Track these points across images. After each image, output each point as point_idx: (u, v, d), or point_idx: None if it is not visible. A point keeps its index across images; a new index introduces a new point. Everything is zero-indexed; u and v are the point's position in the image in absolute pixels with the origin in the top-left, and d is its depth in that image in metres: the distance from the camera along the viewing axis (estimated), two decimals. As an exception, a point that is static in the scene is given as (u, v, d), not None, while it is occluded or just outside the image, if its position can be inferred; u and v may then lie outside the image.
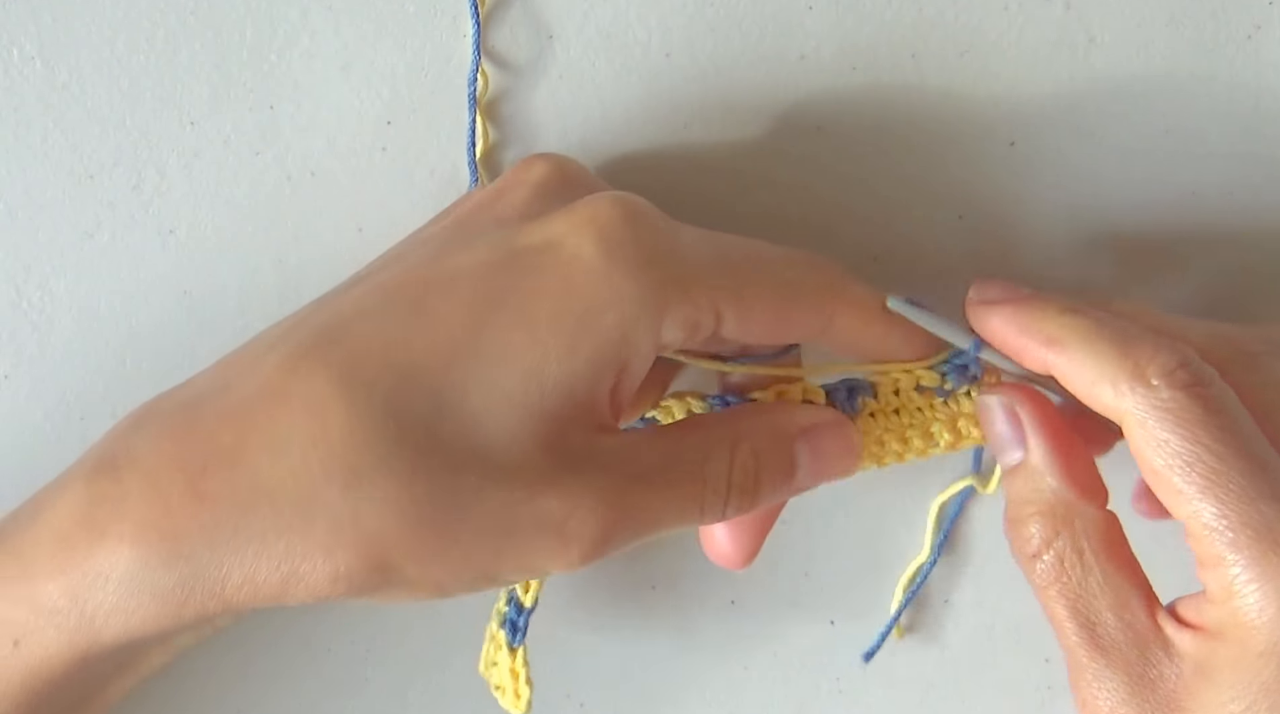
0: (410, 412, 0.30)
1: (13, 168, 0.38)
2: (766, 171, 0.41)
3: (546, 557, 0.32)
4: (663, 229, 0.33)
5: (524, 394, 0.31)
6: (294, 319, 0.34)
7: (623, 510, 0.32)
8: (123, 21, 0.38)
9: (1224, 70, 0.42)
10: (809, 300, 0.35)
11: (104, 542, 0.30)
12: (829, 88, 0.41)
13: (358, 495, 0.30)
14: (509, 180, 0.36)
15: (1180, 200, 0.43)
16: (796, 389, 0.37)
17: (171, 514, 0.30)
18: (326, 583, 0.30)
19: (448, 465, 0.30)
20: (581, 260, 0.32)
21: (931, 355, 0.37)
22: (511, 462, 0.31)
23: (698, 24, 0.40)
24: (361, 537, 0.30)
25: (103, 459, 0.32)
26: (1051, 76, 0.41)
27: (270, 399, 0.31)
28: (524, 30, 0.39)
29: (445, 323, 0.31)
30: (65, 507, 0.31)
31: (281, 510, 0.30)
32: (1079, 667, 0.35)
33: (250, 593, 0.30)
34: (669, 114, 0.40)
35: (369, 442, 0.30)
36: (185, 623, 0.31)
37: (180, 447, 0.31)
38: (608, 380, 0.32)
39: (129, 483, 0.31)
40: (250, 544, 0.30)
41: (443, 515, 0.30)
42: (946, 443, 0.38)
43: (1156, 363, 0.33)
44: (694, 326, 0.33)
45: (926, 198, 0.42)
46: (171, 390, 0.34)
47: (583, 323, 0.31)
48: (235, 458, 0.30)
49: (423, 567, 0.31)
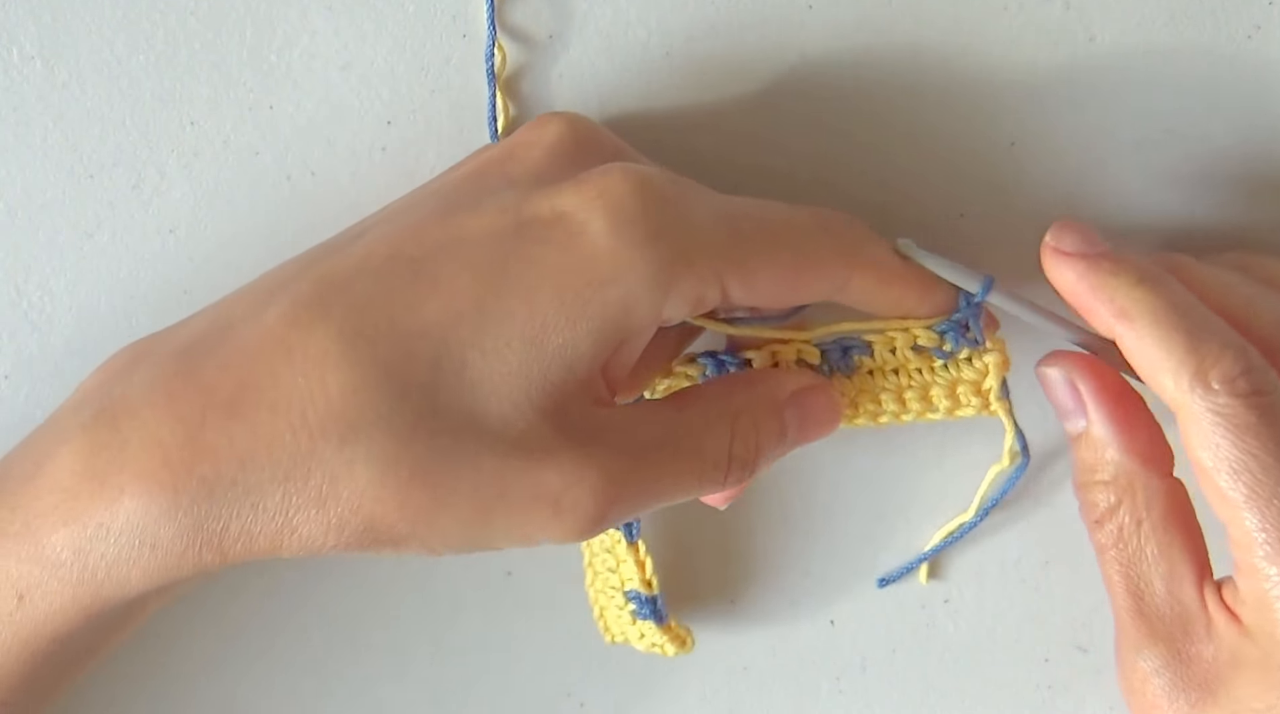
0: (410, 373, 0.31)
1: (13, 168, 0.38)
2: (765, 172, 0.41)
3: (540, 527, 0.32)
4: (672, 201, 0.33)
5: (523, 363, 0.31)
6: (296, 266, 0.34)
7: (622, 485, 0.32)
8: (123, 21, 0.38)
9: (1224, 70, 0.42)
10: (822, 267, 0.35)
11: (104, 493, 0.30)
12: (829, 87, 0.41)
13: (353, 451, 0.30)
14: (522, 139, 0.36)
15: (1180, 200, 0.43)
16: (791, 348, 0.37)
17: (170, 466, 0.30)
18: (319, 535, 0.30)
19: (445, 428, 0.31)
20: (588, 234, 0.32)
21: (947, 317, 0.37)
22: (509, 430, 0.31)
23: (698, 24, 0.40)
24: (355, 491, 0.30)
25: (101, 407, 0.32)
26: (1051, 77, 0.41)
27: (271, 351, 0.31)
28: (523, 30, 0.39)
29: (448, 288, 0.31)
30: (65, 458, 0.31)
31: (278, 463, 0.30)
32: (1123, 631, 0.36)
33: (246, 545, 0.30)
34: (669, 114, 0.40)
35: (368, 399, 0.30)
36: (184, 574, 0.31)
37: (179, 396, 0.31)
38: (607, 353, 0.32)
39: (127, 432, 0.31)
40: (248, 496, 0.30)
41: (436, 477, 0.30)
42: (945, 408, 0.38)
43: (1221, 367, 0.33)
44: (698, 301, 0.33)
45: (926, 197, 0.42)
46: (167, 331, 0.34)
47: (585, 296, 0.32)
48: (234, 410, 0.30)
49: (412, 526, 0.31)
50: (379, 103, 0.39)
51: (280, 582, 0.42)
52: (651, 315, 0.32)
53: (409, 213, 0.34)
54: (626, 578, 0.41)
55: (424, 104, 0.39)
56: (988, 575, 0.45)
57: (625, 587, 0.41)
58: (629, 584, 0.41)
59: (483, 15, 0.39)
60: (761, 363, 0.38)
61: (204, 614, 0.42)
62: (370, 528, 0.31)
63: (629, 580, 0.41)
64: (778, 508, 0.44)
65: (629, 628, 0.42)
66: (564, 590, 0.44)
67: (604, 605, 0.42)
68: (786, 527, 0.44)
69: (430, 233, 0.33)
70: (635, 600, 0.41)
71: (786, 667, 0.45)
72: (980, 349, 0.37)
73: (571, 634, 0.44)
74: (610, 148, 0.36)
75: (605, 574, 0.42)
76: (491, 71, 0.39)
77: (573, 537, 0.32)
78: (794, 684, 0.45)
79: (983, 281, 0.36)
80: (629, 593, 0.41)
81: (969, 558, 0.45)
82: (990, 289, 0.36)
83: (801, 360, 0.37)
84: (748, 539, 0.44)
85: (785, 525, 0.44)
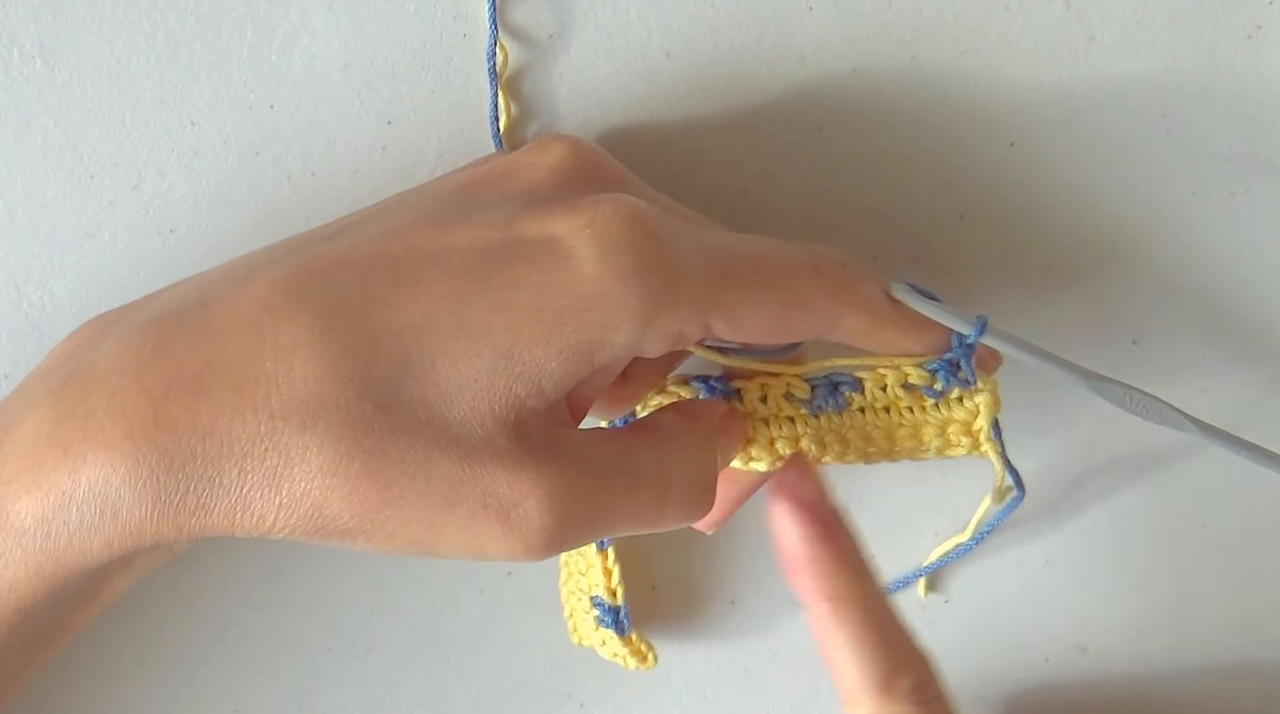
0: (377, 369, 0.31)
1: (13, 168, 0.38)
2: (766, 171, 0.41)
3: (489, 539, 0.32)
4: (661, 236, 0.33)
5: (490, 374, 0.31)
6: (278, 251, 0.34)
7: (572, 504, 0.32)
8: (123, 21, 0.38)
9: (1224, 70, 0.42)
10: (810, 307, 0.35)
11: (67, 461, 0.30)
12: (829, 88, 0.41)
13: (310, 436, 0.30)
14: (523, 157, 0.36)
15: (1180, 200, 0.43)
16: (781, 382, 0.37)
17: (133, 436, 0.30)
18: (270, 514, 0.31)
19: (403, 427, 0.31)
20: (574, 260, 0.32)
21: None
22: (466, 436, 0.31)
23: (698, 24, 0.40)
24: (307, 475, 0.30)
25: (70, 374, 0.32)
26: (1051, 76, 0.41)
27: (243, 331, 0.31)
28: (524, 30, 0.39)
29: (426, 293, 0.31)
30: (30, 425, 0.31)
31: (237, 441, 0.30)
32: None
33: (202, 519, 0.31)
34: (669, 114, 0.40)
35: (331, 389, 0.30)
36: (144, 544, 0.31)
37: (146, 366, 0.31)
38: (576, 378, 0.32)
39: (95, 401, 0.31)
40: (205, 470, 0.30)
41: (387, 475, 0.31)
42: (936, 448, 0.38)
43: (906, 680, 0.36)
44: (678, 337, 0.33)
45: (926, 198, 0.42)
46: (139, 301, 0.34)
47: (563, 318, 0.32)
48: (199, 386, 0.30)
49: (359, 519, 0.31)
50: (379, 103, 0.39)
51: (280, 581, 0.42)
52: (628, 348, 0.32)
53: (399, 214, 0.34)
54: (594, 584, 0.41)
55: (424, 104, 0.39)
56: (988, 575, 0.45)
57: (592, 592, 0.41)
58: (595, 590, 0.41)
59: (482, 15, 0.39)
60: (751, 395, 0.37)
61: (202, 614, 0.42)
62: (318, 514, 0.31)
63: (595, 586, 0.41)
64: (778, 508, 0.44)
65: (593, 633, 0.42)
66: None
67: (573, 607, 0.42)
68: (786, 527, 0.44)
69: (417, 237, 0.33)
70: (599, 607, 0.41)
71: (786, 667, 0.45)
72: (972, 389, 0.37)
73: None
74: (612, 176, 0.36)
75: (577, 576, 0.42)
76: (493, 71, 0.39)
77: (522, 552, 0.32)
78: (794, 684, 0.45)
79: (975, 323, 0.36)
80: (594, 598, 0.41)
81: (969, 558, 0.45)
82: (983, 331, 0.36)
83: (791, 395, 0.37)
84: (748, 539, 0.44)
85: (785, 525, 0.44)
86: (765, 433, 0.37)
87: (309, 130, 0.39)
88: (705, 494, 0.35)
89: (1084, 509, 0.46)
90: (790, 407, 0.37)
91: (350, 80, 0.39)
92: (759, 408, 0.37)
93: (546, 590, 0.44)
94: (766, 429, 0.37)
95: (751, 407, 0.37)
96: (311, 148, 0.39)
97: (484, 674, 0.44)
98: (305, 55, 0.39)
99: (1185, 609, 0.47)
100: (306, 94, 0.39)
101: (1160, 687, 0.47)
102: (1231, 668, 0.48)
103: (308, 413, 0.30)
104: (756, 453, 0.38)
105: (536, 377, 0.32)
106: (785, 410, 0.37)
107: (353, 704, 0.43)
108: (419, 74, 0.39)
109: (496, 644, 0.44)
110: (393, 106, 0.39)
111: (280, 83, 0.39)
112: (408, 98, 0.39)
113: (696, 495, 0.34)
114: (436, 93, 0.39)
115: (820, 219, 0.42)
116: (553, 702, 0.44)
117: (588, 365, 0.32)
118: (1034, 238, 0.42)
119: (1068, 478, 0.45)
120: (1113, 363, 0.44)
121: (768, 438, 0.37)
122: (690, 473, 0.34)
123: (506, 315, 0.31)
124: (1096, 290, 0.43)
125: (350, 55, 0.39)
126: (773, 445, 0.37)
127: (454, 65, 0.39)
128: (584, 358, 0.32)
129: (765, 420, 0.37)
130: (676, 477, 0.34)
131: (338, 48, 0.39)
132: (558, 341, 0.32)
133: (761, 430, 0.37)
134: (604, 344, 0.32)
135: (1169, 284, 0.44)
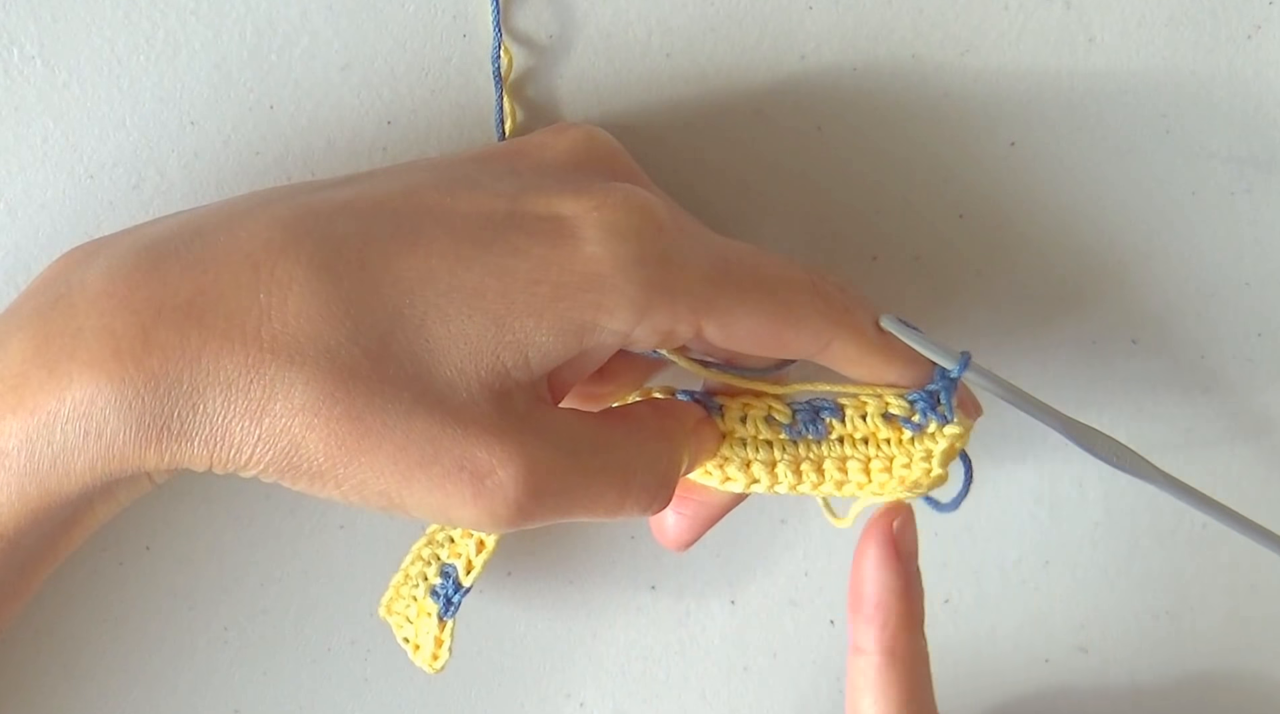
0: (369, 317, 0.31)
1: (13, 168, 0.38)
2: (767, 171, 0.41)
3: (460, 502, 0.31)
4: (667, 231, 0.33)
5: (480, 338, 0.31)
6: (280, 191, 0.34)
7: (547, 478, 0.32)
8: (123, 21, 0.38)
9: (1224, 70, 0.42)
10: (804, 325, 0.35)
11: (53, 381, 0.30)
12: (829, 88, 0.41)
13: (296, 374, 0.30)
14: (538, 138, 0.36)
15: (1180, 200, 0.43)
16: (763, 404, 0.37)
17: (120, 356, 0.30)
18: (249, 447, 0.30)
19: (389, 377, 0.31)
20: (577, 241, 0.32)
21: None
22: (450, 397, 0.31)
23: (698, 24, 0.40)
24: (289, 411, 0.30)
25: (59, 293, 0.31)
26: (1051, 76, 0.41)
27: (238, 262, 0.31)
28: (524, 31, 0.39)
29: (427, 250, 0.32)
30: (17, 345, 0.31)
31: (224, 369, 0.30)
32: None
33: (183, 447, 0.30)
34: (669, 114, 0.40)
35: (322, 330, 0.30)
36: (126, 469, 0.31)
37: (137, 288, 0.31)
38: (563, 357, 0.32)
39: (82, 320, 0.30)
40: (190, 396, 0.30)
41: (368, 422, 0.31)
42: (910, 482, 0.37)
43: None
44: (669, 335, 0.33)
45: (926, 198, 0.42)
46: (131, 228, 0.34)
47: (558, 294, 0.32)
48: (190, 311, 0.30)
49: (332, 462, 0.31)
50: (379, 103, 0.39)
51: (281, 582, 0.42)
52: (619, 336, 0.32)
53: (409, 174, 0.34)
54: (456, 552, 0.40)
55: (424, 104, 0.39)
56: (988, 575, 0.45)
57: (448, 560, 0.40)
58: (453, 559, 0.40)
59: (482, 15, 0.39)
60: (732, 413, 0.37)
61: (202, 615, 0.42)
62: (294, 451, 0.31)
63: (455, 555, 0.40)
64: (778, 508, 0.44)
65: (409, 605, 0.40)
66: (564, 590, 0.44)
67: (409, 571, 0.41)
68: (786, 527, 0.44)
69: (423, 196, 0.33)
70: (443, 576, 0.39)
71: (786, 667, 0.45)
72: (946, 424, 0.36)
73: (571, 634, 0.44)
74: (624, 169, 0.36)
75: (441, 539, 0.40)
76: (498, 73, 0.39)
77: (487, 521, 0.32)
78: (794, 684, 0.45)
79: (959, 359, 0.36)
80: (446, 566, 0.40)
81: (969, 558, 0.45)
82: (966, 366, 0.36)
83: (772, 418, 0.37)
84: (748, 539, 0.44)
85: (785, 525, 0.44)
86: (742, 455, 0.37)
87: (309, 130, 0.39)
88: (663, 490, 0.35)
89: (1084, 509, 0.46)
90: (770, 430, 0.37)
91: (350, 80, 0.39)
92: (738, 428, 0.37)
93: (546, 590, 0.44)
94: (744, 450, 0.37)
95: (731, 426, 0.37)
96: (311, 148, 0.39)
97: (484, 674, 0.44)
98: (305, 55, 0.39)
99: (1185, 609, 0.47)
100: (306, 94, 0.39)
101: (1160, 687, 0.47)
102: (1231, 668, 0.48)
103: (296, 350, 0.30)
104: (733, 474, 0.37)
105: (524, 348, 0.32)
106: (764, 433, 0.37)
107: (353, 704, 0.43)
108: (419, 74, 0.39)
109: (496, 644, 0.44)
110: (393, 106, 0.39)
111: (280, 83, 0.39)
112: (408, 98, 0.39)
113: (653, 491, 0.34)
114: (436, 93, 0.39)
115: (820, 218, 0.42)
116: (553, 702, 0.44)
117: (576, 345, 0.32)
118: (1034, 237, 0.42)
119: (1067, 478, 0.45)
120: (1112, 363, 0.44)
121: (744, 460, 0.37)
122: (656, 467, 0.34)
123: (503, 282, 0.31)
124: (1096, 290, 0.43)
125: (350, 55, 0.39)
126: (748, 468, 0.37)
127: (454, 65, 0.39)
128: (573, 337, 0.32)
129: (744, 441, 0.37)
130: (641, 468, 0.34)
131: (338, 48, 0.39)
132: (550, 316, 0.32)
133: (739, 451, 0.37)
134: (595, 327, 0.32)
135: (1169, 284, 0.44)
